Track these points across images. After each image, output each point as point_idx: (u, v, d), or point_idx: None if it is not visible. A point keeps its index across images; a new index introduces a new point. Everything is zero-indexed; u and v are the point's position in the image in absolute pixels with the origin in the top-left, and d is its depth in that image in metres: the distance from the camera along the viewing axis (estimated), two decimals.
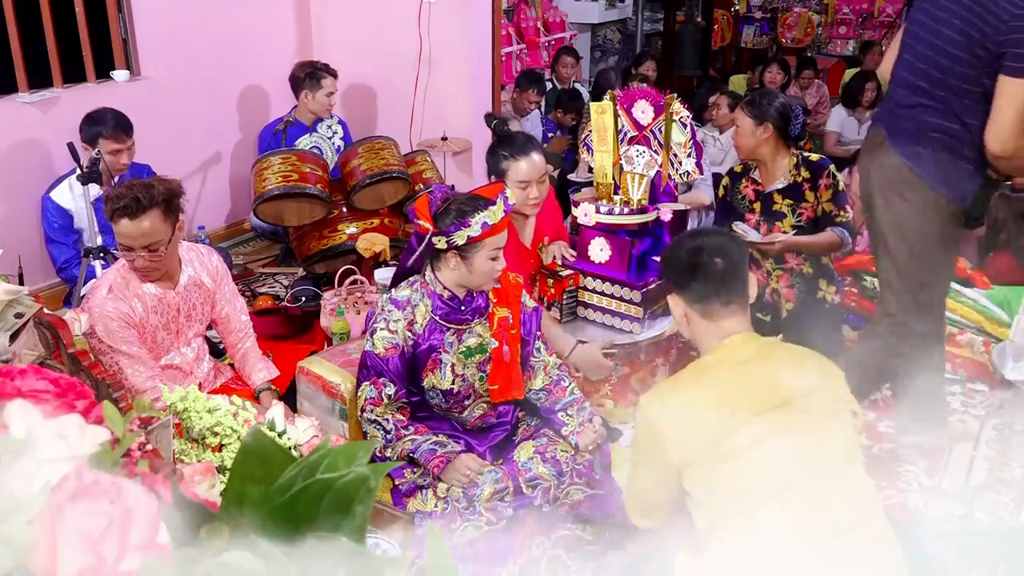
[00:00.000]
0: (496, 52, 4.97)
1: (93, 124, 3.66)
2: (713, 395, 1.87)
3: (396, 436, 2.34)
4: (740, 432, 1.78)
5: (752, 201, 3.39)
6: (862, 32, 8.53)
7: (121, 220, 2.38)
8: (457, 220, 2.26)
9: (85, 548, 0.51)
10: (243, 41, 4.88)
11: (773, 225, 3.32)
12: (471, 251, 2.28)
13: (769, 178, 3.36)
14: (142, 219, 2.38)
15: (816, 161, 3.30)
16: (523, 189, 2.87)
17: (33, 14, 4.00)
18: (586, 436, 2.43)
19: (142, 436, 0.66)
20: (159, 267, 2.51)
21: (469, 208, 2.26)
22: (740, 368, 1.89)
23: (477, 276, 2.33)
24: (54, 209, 3.72)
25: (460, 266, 2.31)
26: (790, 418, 1.80)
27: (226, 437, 1.27)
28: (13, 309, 1.74)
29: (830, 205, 3.24)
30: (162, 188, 2.44)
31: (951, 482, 2.97)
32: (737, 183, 3.45)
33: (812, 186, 3.27)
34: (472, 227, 2.25)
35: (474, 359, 2.42)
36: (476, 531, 2.31)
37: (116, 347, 2.48)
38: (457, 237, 2.26)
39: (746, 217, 3.38)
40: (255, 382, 2.80)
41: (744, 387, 1.86)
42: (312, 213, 4.06)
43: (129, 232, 2.39)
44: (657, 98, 3.04)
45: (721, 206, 3.61)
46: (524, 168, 2.86)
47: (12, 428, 0.57)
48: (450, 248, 2.29)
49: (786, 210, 3.31)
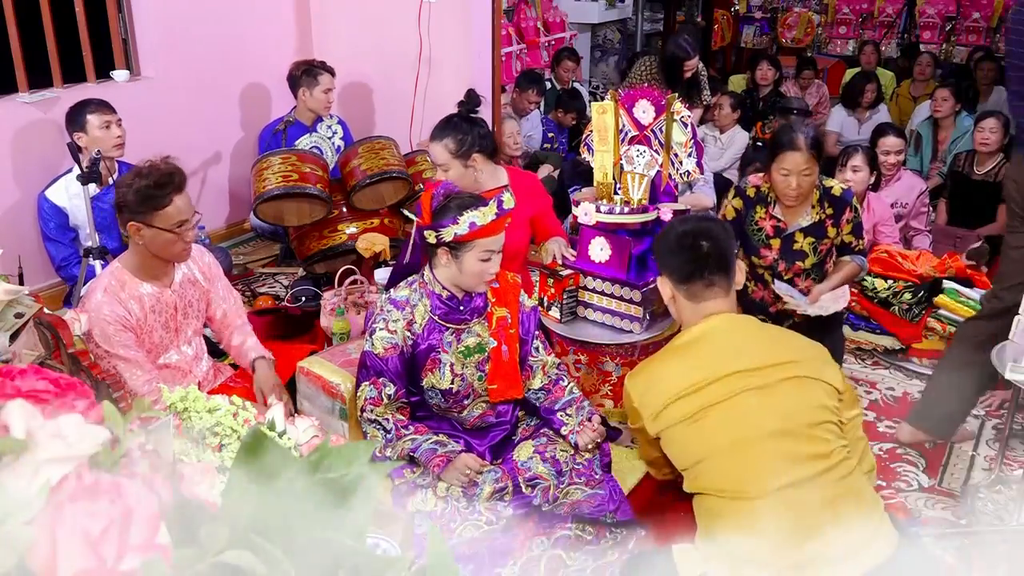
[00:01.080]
0: (496, 52, 4.96)
1: (77, 109, 3.66)
2: (680, 367, 1.97)
3: (396, 436, 2.34)
4: (704, 393, 1.89)
5: (770, 237, 3.10)
6: (862, 32, 8.53)
7: (174, 197, 2.46)
8: (448, 216, 2.27)
9: (85, 548, 0.51)
10: (243, 41, 4.88)
11: (792, 264, 3.09)
12: (461, 250, 2.29)
13: (793, 215, 3.07)
14: (185, 191, 2.51)
15: (840, 196, 3.04)
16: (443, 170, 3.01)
17: (33, 14, 4.00)
18: (585, 435, 2.43)
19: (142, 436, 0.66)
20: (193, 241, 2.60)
21: (462, 206, 2.27)
22: (713, 341, 1.97)
23: (467, 276, 2.33)
24: (49, 208, 3.71)
25: (451, 264, 2.32)
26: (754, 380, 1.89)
27: (226, 437, 1.27)
28: (13, 309, 1.74)
29: (850, 237, 3.08)
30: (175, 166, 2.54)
31: (951, 482, 2.97)
32: (751, 209, 3.11)
33: (835, 222, 3.05)
34: (460, 224, 2.25)
35: (473, 359, 2.42)
36: (476, 531, 2.31)
37: (113, 351, 2.48)
38: (445, 233, 2.27)
39: (762, 253, 3.12)
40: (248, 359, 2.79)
41: (712, 356, 1.94)
42: (312, 213, 4.05)
43: (185, 205, 2.49)
44: (658, 98, 3.04)
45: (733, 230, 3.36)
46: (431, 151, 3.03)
47: (12, 428, 0.57)
48: (440, 244, 2.30)
49: (807, 248, 3.07)
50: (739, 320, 2.05)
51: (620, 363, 3.14)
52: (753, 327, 2.06)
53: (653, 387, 1.98)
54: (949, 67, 7.79)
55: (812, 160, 2.92)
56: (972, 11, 8.02)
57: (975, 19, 8.02)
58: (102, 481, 0.53)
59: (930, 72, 6.73)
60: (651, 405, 1.96)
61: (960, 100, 5.56)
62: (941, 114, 5.52)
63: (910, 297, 3.81)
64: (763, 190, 3.10)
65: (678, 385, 1.93)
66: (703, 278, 1.99)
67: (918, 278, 3.84)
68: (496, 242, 2.32)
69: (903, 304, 3.81)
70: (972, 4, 8.00)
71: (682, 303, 2.05)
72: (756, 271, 3.19)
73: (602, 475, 2.48)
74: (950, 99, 5.48)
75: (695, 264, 2.00)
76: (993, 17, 7.92)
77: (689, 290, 2.01)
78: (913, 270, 3.87)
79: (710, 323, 2.00)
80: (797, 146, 2.91)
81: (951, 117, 5.53)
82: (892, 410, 3.37)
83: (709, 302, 2.01)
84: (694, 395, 1.91)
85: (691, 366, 1.96)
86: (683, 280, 2.02)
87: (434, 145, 3.00)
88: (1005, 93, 6.22)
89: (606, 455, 2.52)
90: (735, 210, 3.14)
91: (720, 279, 2.00)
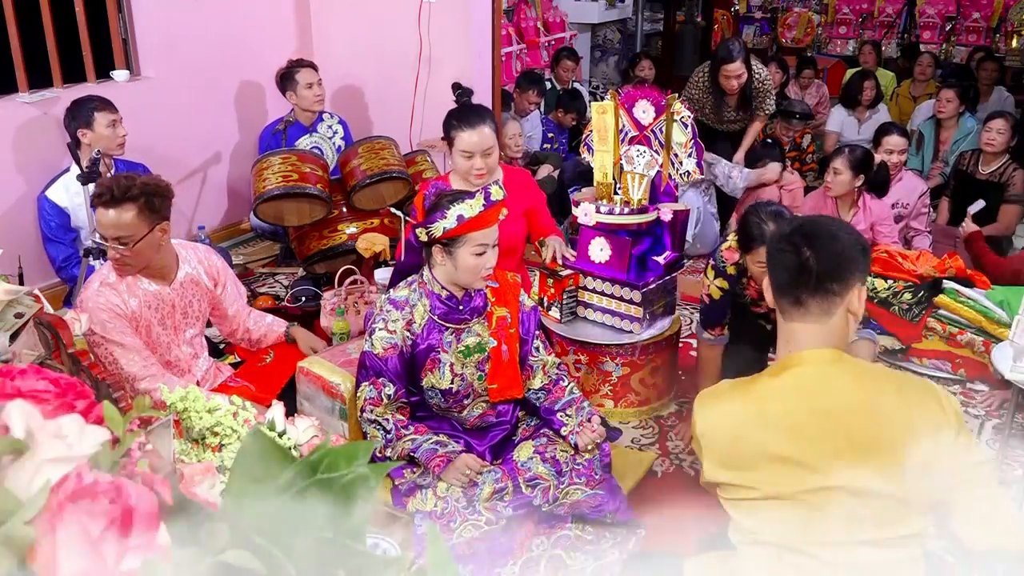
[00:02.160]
0: (496, 52, 4.96)
1: (79, 106, 3.65)
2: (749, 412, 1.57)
3: (396, 436, 2.35)
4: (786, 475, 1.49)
5: (759, 298, 2.89)
6: (862, 32, 8.52)
7: (99, 208, 2.45)
8: (436, 212, 2.27)
9: (85, 548, 0.51)
10: (243, 41, 4.88)
11: None
12: (454, 245, 2.29)
13: None
14: (118, 211, 2.43)
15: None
16: (467, 159, 2.99)
17: (33, 14, 4.00)
18: (584, 436, 2.43)
19: (142, 436, 0.66)
20: (131, 263, 2.52)
21: (448, 201, 2.28)
22: (801, 397, 1.54)
23: (463, 273, 2.33)
24: (50, 208, 3.72)
25: (446, 261, 2.32)
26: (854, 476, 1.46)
27: (226, 437, 1.27)
28: (13, 309, 1.74)
29: None
30: (143, 185, 2.48)
31: None
32: (737, 284, 2.92)
33: None
34: (448, 218, 2.25)
35: (473, 358, 2.42)
36: (476, 531, 2.31)
37: (109, 337, 2.49)
38: (435, 229, 2.27)
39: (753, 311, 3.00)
40: (278, 330, 2.94)
41: (807, 423, 1.51)
42: (312, 213, 4.05)
43: (103, 221, 2.45)
44: (658, 98, 3.04)
45: (717, 307, 2.96)
46: (467, 138, 2.97)
47: (12, 428, 0.57)
48: (433, 241, 2.30)
49: None
50: (827, 366, 1.55)
51: (620, 363, 3.14)
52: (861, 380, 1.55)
53: (719, 425, 1.60)
54: (949, 67, 7.79)
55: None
56: (972, 11, 8.01)
57: (975, 19, 8.01)
58: (102, 481, 0.53)
59: (931, 72, 6.74)
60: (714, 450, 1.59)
61: (964, 101, 5.55)
62: (945, 115, 5.51)
63: (910, 297, 3.81)
64: (741, 263, 2.83)
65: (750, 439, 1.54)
66: (790, 294, 1.56)
67: (918, 278, 3.84)
68: (489, 235, 2.31)
69: (903, 304, 3.81)
70: (972, 4, 8.00)
71: (778, 319, 1.62)
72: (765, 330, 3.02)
73: (602, 475, 2.47)
74: (955, 100, 5.47)
75: (788, 276, 1.56)
76: (993, 17, 7.92)
77: (780, 305, 1.60)
78: (913, 270, 3.86)
79: (803, 359, 1.55)
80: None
81: (954, 118, 5.53)
82: None
83: (797, 325, 1.57)
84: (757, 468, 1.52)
85: (764, 419, 1.54)
86: (776, 291, 1.60)
87: (483, 128, 2.99)
88: (1005, 93, 6.23)
89: (606, 455, 2.52)
90: (720, 289, 2.91)
91: (819, 301, 1.53)
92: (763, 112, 4.91)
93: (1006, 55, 7.64)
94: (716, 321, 2.98)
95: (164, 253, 2.60)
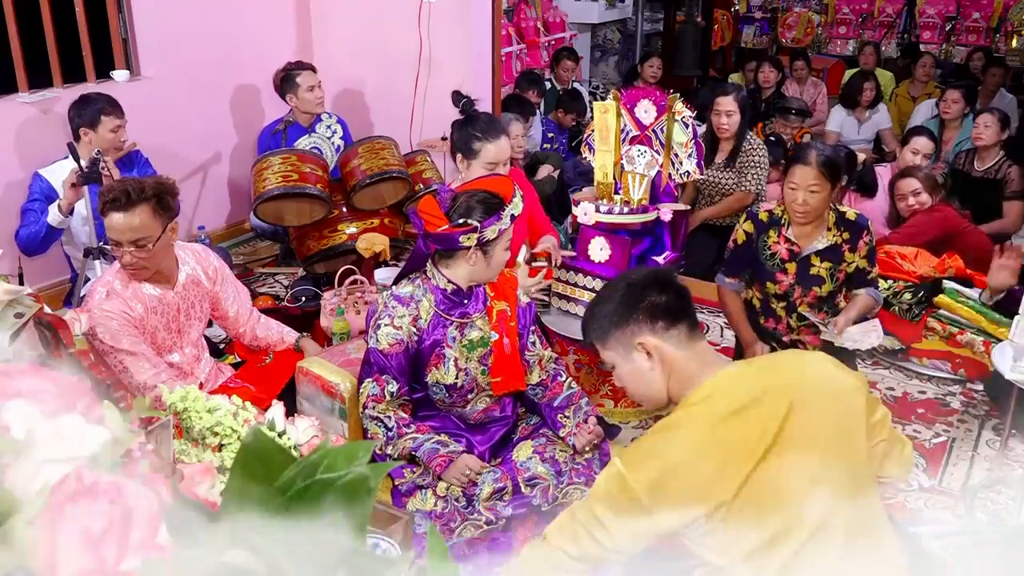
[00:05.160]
0: (496, 52, 4.96)
1: (88, 104, 3.63)
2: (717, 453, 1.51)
3: (397, 434, 2.34)
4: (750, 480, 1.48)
5: (785, 261, 2.99)
6: (862, 32, 8.52)
7: (111, 213, 2.40)
8: (487, 215, 2.26)
9: (85, 548, 0.51)
10: (243, 42, 4.88)
11: (809, 290, 2.98)
12: (492, 245, 2.30)
13: (807, 237, 2.96)
14: (131, 213, 2.40)
15: (855, 220, 2.96)
16: (491, 169, 2.99)
17: (33, 14, 4.00)
18: (581, 438, 2.43)
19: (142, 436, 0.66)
20: (148, 265, 2.50)
21: (495, 203, 2.28)
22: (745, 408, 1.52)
23: (494, 268, 2.37)
24: (40, 181, 3.64)
25: (480, 260, 2.32)
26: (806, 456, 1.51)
27: (226, 437, 1.27)
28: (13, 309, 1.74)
29: (864, 262, 2.97)
30: (154, 184, 2.46)
31: (951, 482, 2.97)
32: (764, 233, 3.01)
33: (852, 247, 2.95)
34: (503, 220, 2.27)
35: (476, 352, 2.43)
36: (475, 530, 2.32)
37: (119, 346, 2.48)
38: (489, 232, 2.26)
39: (777, 278, 3.01)
40: (288, 339, 2.91)
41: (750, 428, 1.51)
42: (312, 213, 4.06)
43: (118, 225, 2.41)
44: (660, 98, 3.04)
45: (740, 254, 3.08)
46: (493, 151, 2.99)
47: (12, 428, 0.57)
48: (479, 244, 2.28)
49: (824, 274, 2.96)
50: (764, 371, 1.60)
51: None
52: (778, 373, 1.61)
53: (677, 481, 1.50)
54: (949, 67, 7.79)
55: (822, 178, 2.81)
56: (972, 11, 8.01)
57: (975, 19, 8.01)
58: (102, 481, 0.53)
59: (932, 73, 6.74)
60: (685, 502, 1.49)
61: (970, 102, 5.56)
62: (950, 116, 5.51)
63: (910, 297, 3.81)
64: (776, 213, 3.01)
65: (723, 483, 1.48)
66: (687, 319, 1.61)
67: (918, 278, 3.84)
68: (513, 229, 2.36)
69: (903, 304, 3.81)
70: (972, 4, 8.00)
71: (674, 358, 1.60)
72: (769, 304, 3.07)
73: None
74: (960, 101, 5.47)
75: (678, 303, 1.60)
76: (993, 17, 7.92)
77: (680, 336, 1.60)
78: (913, 270, 3.86)
79: (729, 374, 1.57)
80: (807, 160, 2.82)
81: (958, 119, 5.53)
82: (893, 410, 3.34)
83: (702, 345, 1.62)
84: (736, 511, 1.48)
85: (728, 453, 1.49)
86: (672, 324, 1.59)
87: (505, 138, 3.06)
88: (1008, 96, 6.22)
89: (606, 455, 2.52)
90: (746, 234, 3.04)
91: (696, 323, 1.64)
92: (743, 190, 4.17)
93: (1006, 55, 7.64)
94: (733, 271, 3.11)
95: (169, 255, 2.60)
